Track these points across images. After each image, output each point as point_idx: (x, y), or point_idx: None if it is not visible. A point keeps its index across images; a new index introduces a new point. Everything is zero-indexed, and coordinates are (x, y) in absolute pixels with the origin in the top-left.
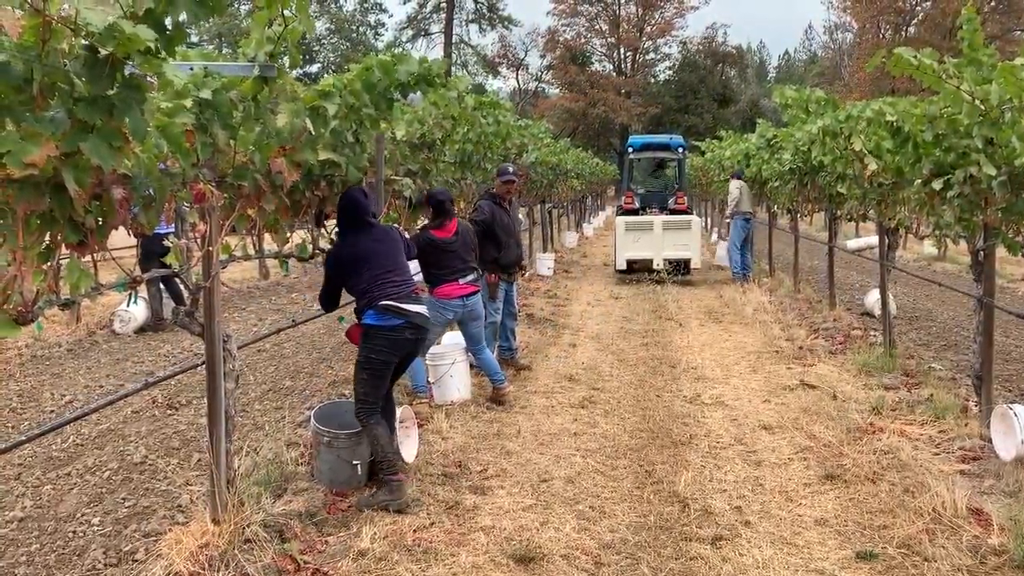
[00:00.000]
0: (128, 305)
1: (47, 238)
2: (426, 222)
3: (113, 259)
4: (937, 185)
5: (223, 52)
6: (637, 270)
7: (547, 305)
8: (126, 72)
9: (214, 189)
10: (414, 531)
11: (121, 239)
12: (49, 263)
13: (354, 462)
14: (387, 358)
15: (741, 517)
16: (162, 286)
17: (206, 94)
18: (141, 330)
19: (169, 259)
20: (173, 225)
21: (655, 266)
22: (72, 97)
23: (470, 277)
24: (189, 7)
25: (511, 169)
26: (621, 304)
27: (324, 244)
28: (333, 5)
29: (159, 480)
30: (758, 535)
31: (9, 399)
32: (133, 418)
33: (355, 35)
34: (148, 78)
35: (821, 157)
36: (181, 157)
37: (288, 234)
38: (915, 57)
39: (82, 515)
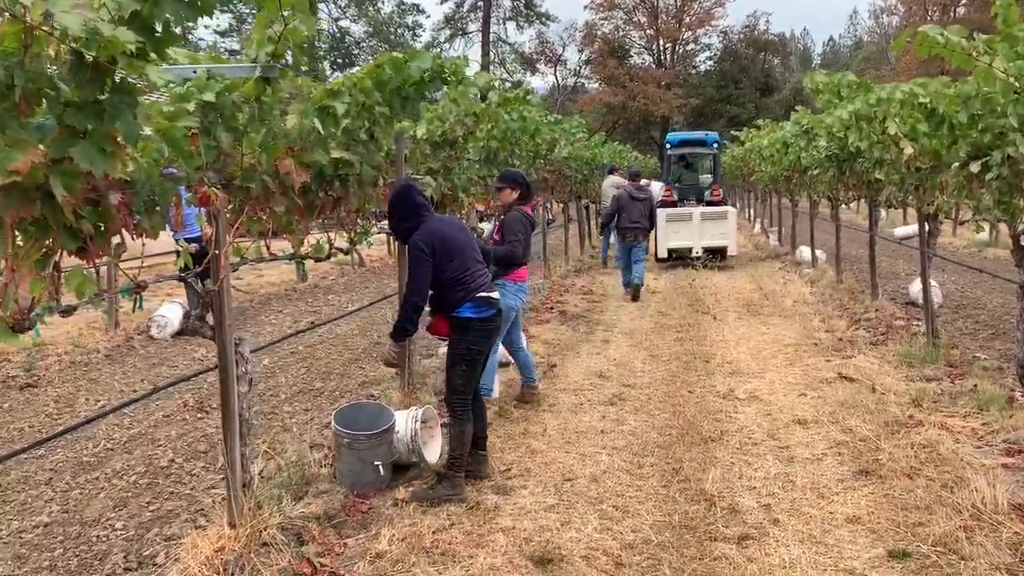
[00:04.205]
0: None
1: (46, 245)
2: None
3: (120, 268)
4: (975, 168)
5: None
6: (676, 258)
7: (581, 301)
8: (116, 76)
9: (219, 192)
10: (433, 532)
11: (160, 245)
12: (47, 270)
13: (375, 463)
14: (485, 348)
15: (769, 515)
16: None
17: (209, 97)
18: (179, 333)
19: (179, 263)
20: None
21: (694, 254)
22: (61, 103)
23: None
24: (174, 8)
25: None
26: (657, 299)
27: (342, 243)
28: (371, 8)
29: (184, 484)
30: (786, 534)
31: (46, 404)
32: (164, 422)
33: (393, 37)
34: (137, 81)
35: (858, 143)
36: (184, 161)
37: (305, 235)
38: (942, 35)
39: (107, 519)
